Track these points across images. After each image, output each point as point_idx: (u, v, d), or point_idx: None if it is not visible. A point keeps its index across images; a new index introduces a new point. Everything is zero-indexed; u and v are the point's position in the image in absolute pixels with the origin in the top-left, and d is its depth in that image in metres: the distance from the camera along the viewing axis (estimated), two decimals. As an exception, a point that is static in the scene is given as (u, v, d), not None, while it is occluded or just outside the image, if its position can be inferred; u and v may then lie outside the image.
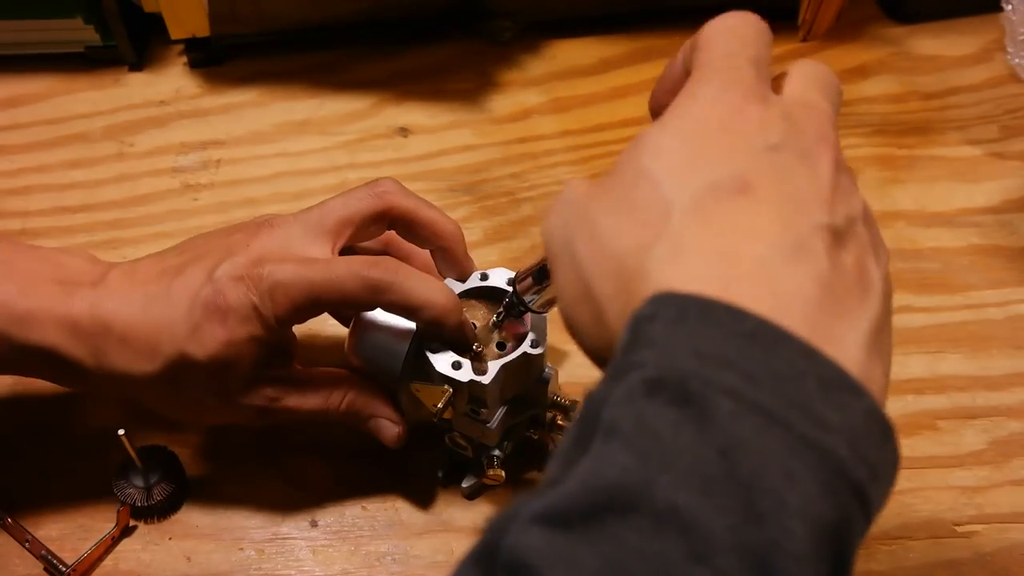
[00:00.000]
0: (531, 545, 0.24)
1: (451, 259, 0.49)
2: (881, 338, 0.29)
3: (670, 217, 0.29)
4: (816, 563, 0.24)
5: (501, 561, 0.24)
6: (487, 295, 0.48)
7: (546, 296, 0.44)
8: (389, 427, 0.48)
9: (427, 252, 0.50)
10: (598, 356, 0.31)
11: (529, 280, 0.44)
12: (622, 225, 0.30)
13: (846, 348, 0.27)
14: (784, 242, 0.28)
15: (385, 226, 0.48)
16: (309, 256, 0.45)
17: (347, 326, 0.48)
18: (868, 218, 0.32)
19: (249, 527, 0.50)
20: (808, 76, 0.34)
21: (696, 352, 0.26)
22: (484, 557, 0.25)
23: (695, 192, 0.29)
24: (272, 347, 0.44)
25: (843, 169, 0.31)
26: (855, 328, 0.28)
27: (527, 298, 0.45)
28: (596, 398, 0.27)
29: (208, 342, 0.43)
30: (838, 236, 0.29)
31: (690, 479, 0.24)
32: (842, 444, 0.25)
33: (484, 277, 0.48)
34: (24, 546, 0.49)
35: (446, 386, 0.45)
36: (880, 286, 0.30)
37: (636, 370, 0.26)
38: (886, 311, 0.30)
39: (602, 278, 0.30)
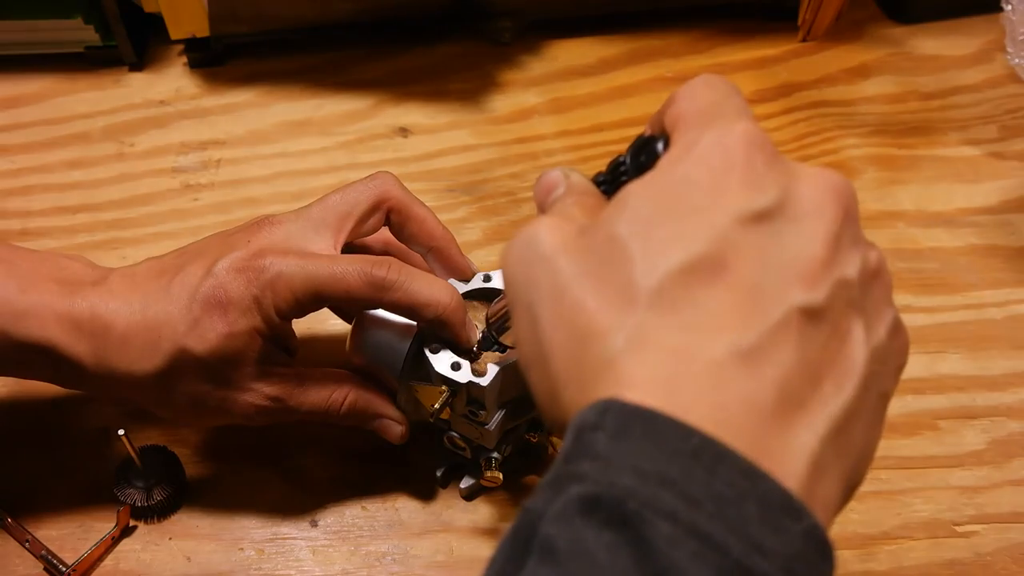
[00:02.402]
0: None
1: (444, 260, 0.49)
2: (849, 427, 0.27)
3: (635, 302, 0.27)
4: None
5: None
6: (489, 297, 0.48)
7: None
8: (393, 427, 0.48)
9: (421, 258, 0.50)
10: (551, 422, 0.30)
11: (499, 319, 0.44)
12: (587, 301, 0.28)
13: (793, 461, 0.26)
14: (745, 339, 0.26)
15: (383, 217, 0.48)
16: (312, 251, 0.45)
17: (348, 322, 0.48)
18: (872, 277, 0.30)
19: (249, 527, 0.50)
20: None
21: (636, 470, 0.25)
22: None
23: (666, 274, 0.27)
24: (273, 341, 0.44)
25: (849, 229, 0.29)
26: (809, 431, 0.26)
27: (500, 336, 0.44)
28: (533, 509, 0.26)
29: (208, 336, 0.43)
30: (815, 316, 0.27)
31: None
32: (777, 570, 0.24)
33: (487, 279, 0.48)
34: (24, 546, 0.49)
35: (444, 387, 0.45)
36: (861, 365, 0.28)
37: (575, 484, 0.25)
38: (862, 392, 0.28)
39: (559, 352, 0.29)
